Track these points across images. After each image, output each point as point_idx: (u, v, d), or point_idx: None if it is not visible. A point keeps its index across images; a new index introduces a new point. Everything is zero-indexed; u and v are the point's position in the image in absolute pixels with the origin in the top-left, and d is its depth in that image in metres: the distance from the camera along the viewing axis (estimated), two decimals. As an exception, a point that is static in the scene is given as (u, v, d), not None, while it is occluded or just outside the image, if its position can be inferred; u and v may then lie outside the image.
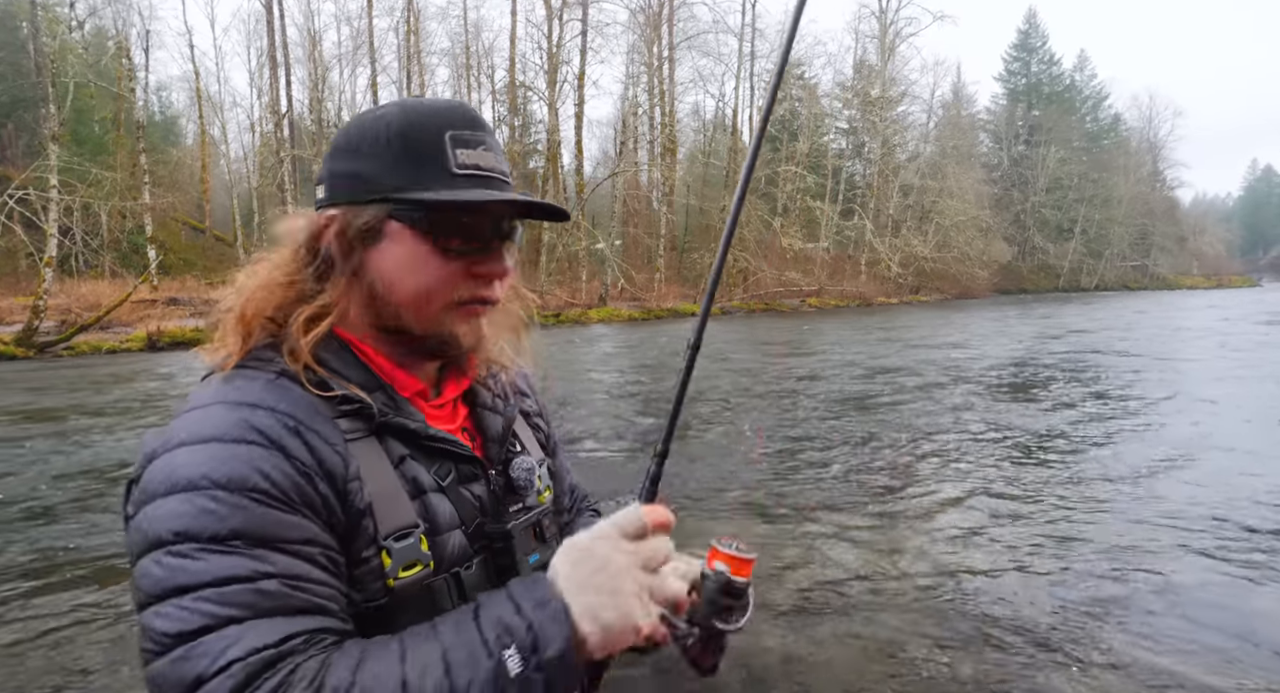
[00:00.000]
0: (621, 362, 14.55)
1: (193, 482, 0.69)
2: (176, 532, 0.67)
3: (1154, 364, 12.25)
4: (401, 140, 0.83)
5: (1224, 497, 5.09)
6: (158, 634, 0.64)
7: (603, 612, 0.70)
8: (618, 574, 0.72)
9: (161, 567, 0.66)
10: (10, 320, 18.21)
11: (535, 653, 0.67)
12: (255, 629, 0.64)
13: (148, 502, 0.70)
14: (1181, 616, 3.43)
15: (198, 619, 0.64)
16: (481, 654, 0.66)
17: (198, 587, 0.65)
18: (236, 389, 0.78)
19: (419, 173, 0.83)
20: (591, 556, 0.73)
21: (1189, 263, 72.21)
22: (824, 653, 3.14)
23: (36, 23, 25.67)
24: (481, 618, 0.69)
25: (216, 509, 0.67)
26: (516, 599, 0.71)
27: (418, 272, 0.85)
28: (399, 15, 37.17)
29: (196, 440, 0.72)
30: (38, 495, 5.45)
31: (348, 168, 0.85)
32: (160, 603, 0.65)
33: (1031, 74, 65.86)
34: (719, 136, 45.36)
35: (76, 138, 28.60)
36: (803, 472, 5.92)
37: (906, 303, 41.54)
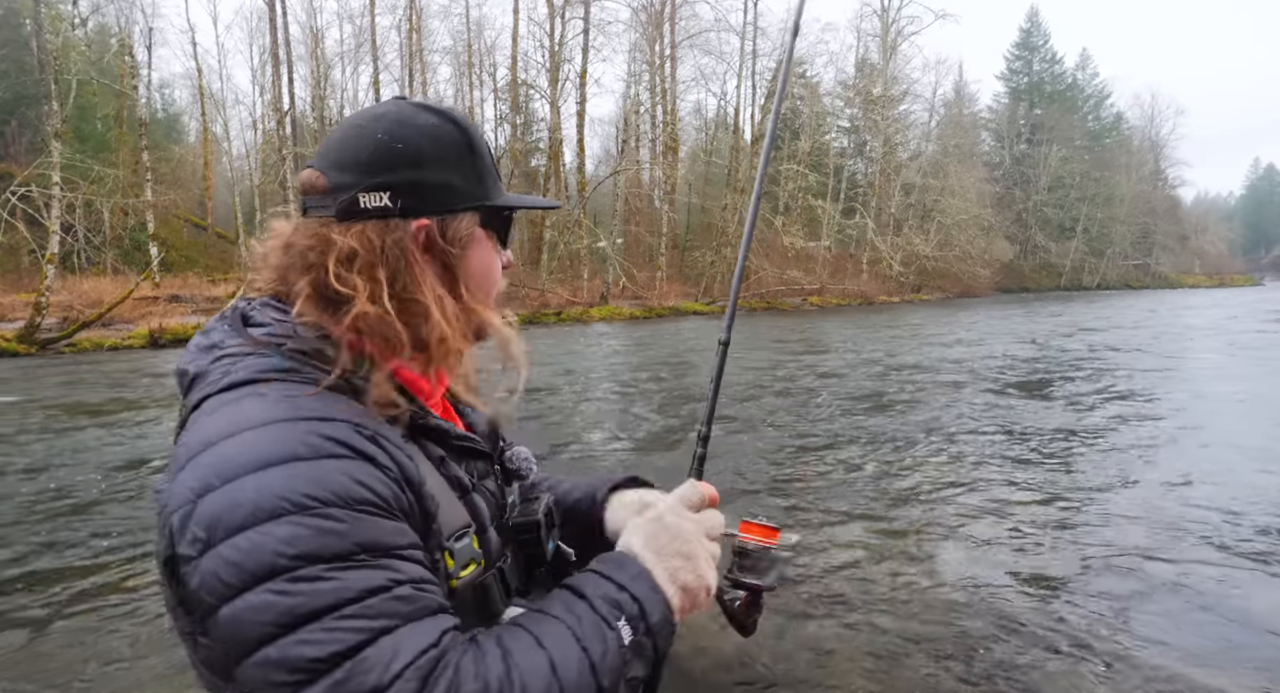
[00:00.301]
0: (626, 360, 14.56)
1: (296, 503, 0.65)
2: (296, 556, 0.63)
3: (1169, 362, 12.27)
4: (472, 150, 0.90)
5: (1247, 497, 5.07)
6: (307, 662, 0.61)
7: (682, 574, 0.82)
8: (690, 541, 0.84)
9: (288, 595, 0.62)
10: (13, 317, 18.25)
11: (643, 620, 0.76)
12: (410, 635, 0.65)
13: (231, 535, 0.64)
14: (1202, 618, 3.44)
15: (353, 637, 0.62)
16: (604, 629, 0.74)
17: (341, 605, 0.63)
18: (287, 402, 0.73)
19: (493, 181, 0.92)
20: (665, 527, 0.85)
21: (1191, 262, 72.11)
22: (834, 650, 3.16)
23: (40, 20, 25.75)
24: (590, 598, 0.76)
25: (334, 526, 0.65)
26: (614, 577, 0.79)
27: (492, 271, 0.93)
28: (401, 13, 37.17)
29: (274, 462, 0.67)
30: (50, 490, 5.48)
31: (430, 178, 0.85)
32: (297, 631, 0.62)
33: (1033, 73, 65.76)
34: (721, 135, 45.35)
35: (79, 135, 28.63)
36: (826, 471, 5.94)
37: (908, 302, 41.51)
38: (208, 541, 0.65)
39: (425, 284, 0.83)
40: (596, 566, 0.82)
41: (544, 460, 6.22)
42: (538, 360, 14.00)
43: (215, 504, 0.66)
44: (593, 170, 41.95)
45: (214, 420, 0.72)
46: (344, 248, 0.81)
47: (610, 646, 0.73)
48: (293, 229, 0.86)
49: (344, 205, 0.83)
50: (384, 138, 0.84)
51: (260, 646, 0.63)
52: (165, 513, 0.69)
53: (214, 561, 0.64)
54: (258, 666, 0.63)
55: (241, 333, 0.81)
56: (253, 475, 0.66)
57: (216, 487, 0.67)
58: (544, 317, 25.98)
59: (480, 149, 0.91)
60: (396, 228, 0.83)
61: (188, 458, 0.70)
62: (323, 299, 0.80)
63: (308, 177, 0.86)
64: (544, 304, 28.10)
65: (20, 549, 4.34)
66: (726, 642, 3.17)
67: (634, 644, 0.75)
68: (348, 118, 0.89)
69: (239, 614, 0.63)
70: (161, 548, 0.70)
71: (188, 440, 0.72)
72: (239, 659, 0.64)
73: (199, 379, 0.79)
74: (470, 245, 0.88)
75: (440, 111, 0.89)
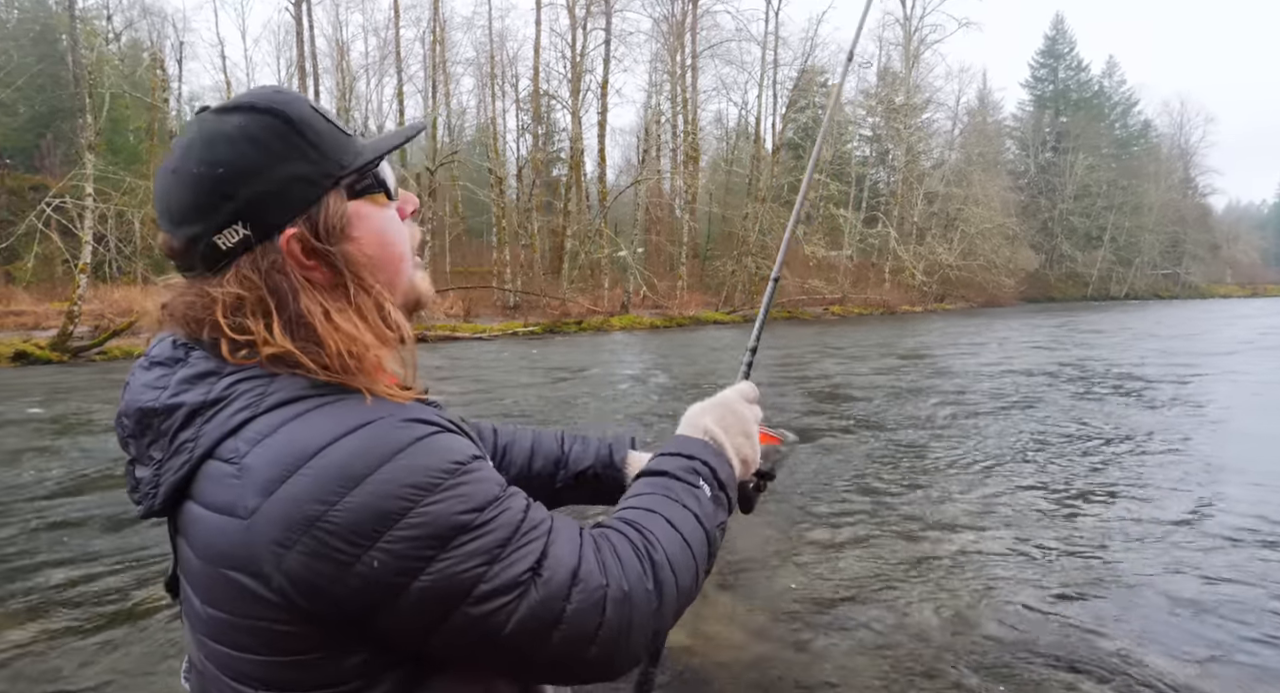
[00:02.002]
0: (648, 369, 14.56)
1: (446, 470, 0.72)
2: (469, 509, 0.72)
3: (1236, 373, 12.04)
4: (299, 129, 0.79)
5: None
6: (516, 578, 0.72)
7: (745, 449, 1.02)
8: (750, 423, 1.04)
9: (479, 538, 0.71)
10: (46, 326, 18.66)
11: (715, 478, 0.94)
12: (563, 528, 0.79)
13: (403, 515, 0.68)
14: (1234, 644, 3.38)
15: (539, 544, 0.74)
16: (692, 490, 0.91)
17: (518, 527, 0.74)
18: (363, 407, 0.75)
19: (340, 146, 0.82)
20: (732, 411, 1.04)
21: (1222, 271, 70.89)
22: (842, 659, 3.13)
23: (75, 36, 26.40)
24: (671, 472, 0.92)
25: (480, 476, 0.75)
26: (682, 452, 0.96)
27: (394, 236, 0.87)
28: (425, 26, 37.76)
29: (399, 448, 0.71)
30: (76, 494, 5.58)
31: (268, 183, 0.78)
32: (499, 562, 0.71)
33: (1059, 80, 65.22)
34: (742, 144, 45.42)
35: (112, 147, 29.30)
36: (850, 473, 5.91)
37: (931, 311, 41.17)
38: (373, 534, 0.68)
39: (312, 304, 0.77)
40: (666, 448, 0.98)
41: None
42: (558, 368, 14.04)
43: (366, 500, 0.68)
44: (614, 180, 42.22)
45: (290, 436, 0.71)
46: (226, 298, 0.76)
47: (703, 499, 0.90)
48: (174, 292, 0.81)
49: (207, 257, 0.78)
50: (201, 169, 0.77)
51: (475, 585, 0.70)
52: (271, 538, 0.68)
53: (393, 545, 0.68)
54: (475, 603, 0.71)
55: (234, 360, 0.76)
56: (391, 465, 0.70)
57: (353, 489, 0.68)
58: (565, 325, 26.06)
59: (305, 120, 0.80)
60: (267, 252, 0.78)
61: (279, 477, 0.69)
62: (236, 349, 0.76)
63: (162, 241, 0.81)
64: (565, 313, 28.20)
65: (50, 558, 4.41)
66: (746, 653, 3.16)
67: (714, 498, 0.92)
68: (163, 163, 0.81)
69: (440, 576, 0.69)
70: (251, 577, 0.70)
71: (261, 460, 0.70)
72: (451, 611, 0.70)
73: (212, 407, 0.74)
74: (350, 226, 0.82)
75: (244, 106, 0.79)
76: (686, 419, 1.04)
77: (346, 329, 0.78)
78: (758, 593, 3.80)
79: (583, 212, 36.63)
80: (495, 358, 16.55)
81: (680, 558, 0.83)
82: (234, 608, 0.72)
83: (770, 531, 4.75)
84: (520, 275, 33.60)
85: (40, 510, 5.20)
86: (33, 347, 15.52)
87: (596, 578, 0.75)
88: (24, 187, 26.01)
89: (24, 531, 4.79)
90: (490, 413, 9.06)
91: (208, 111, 0.80)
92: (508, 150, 40.91)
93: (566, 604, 0.73)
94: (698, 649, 3.20)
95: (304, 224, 0.79)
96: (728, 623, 3.46)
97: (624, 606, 0.76)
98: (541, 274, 33.82)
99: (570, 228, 35.16)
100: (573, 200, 35.93)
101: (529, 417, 8.81)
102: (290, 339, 0.76)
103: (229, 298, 0.76)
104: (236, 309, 0.76)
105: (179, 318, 0.79)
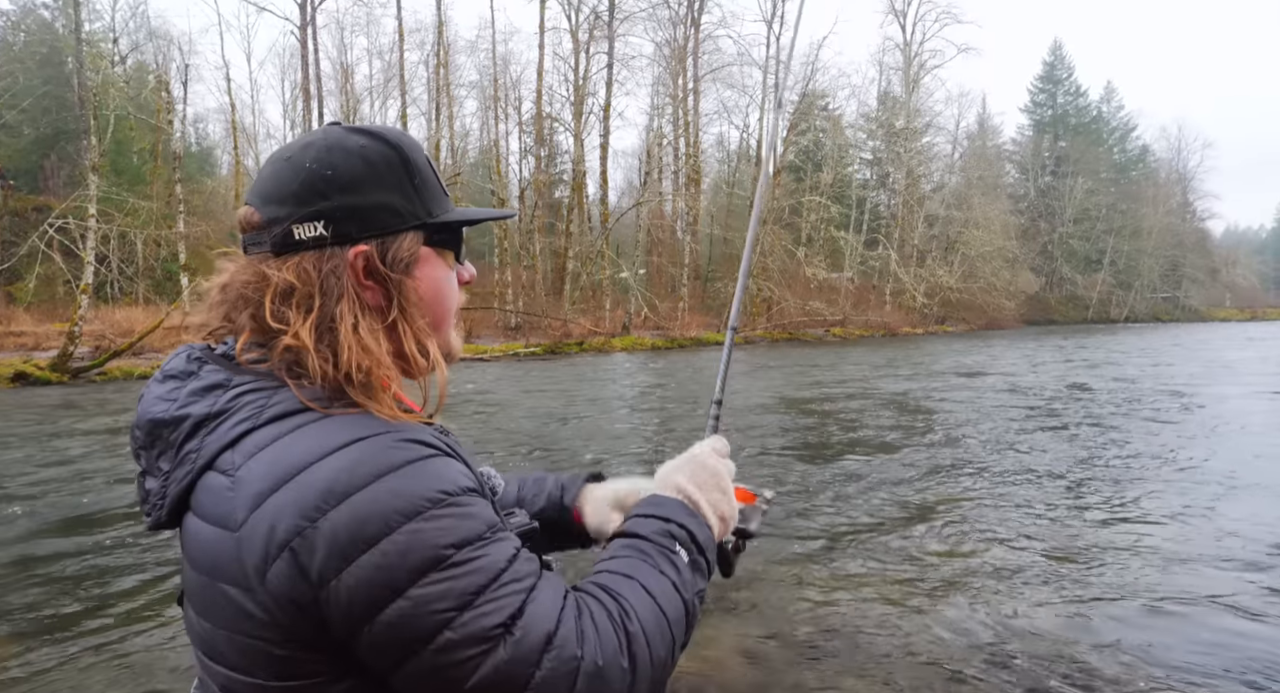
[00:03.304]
0: (648, 390, 14.47)
1: (431, 499, 0.70)
2: (449, 544, 0.69)
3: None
4: (410, 167, 0.86)
5: None
6: (486, 631, 0.68)
7: (721, 506, 0.96)
8: (725, 479, 0.98)
9: (454, 578, 0.68)
10: (47, 346, 18.58)
11: (693, 542, 0.88)
12: (548, 586, 0.75)
13: (378, 540, 0.67)
14: (1235, 661, 3.27)
15: (516, 599, 0.70)
16: (669, 555, 0.85)
17: (498, 575, 0.70)
18: (363, 425, 0.75)
19: (434, 198, 0.88)
20: (705, 467, 0.98)
21: (1222, 295, 71.03)
22: (845, 683, 3.03)
23: (81, 58, 26.57)
24: (647, 535, 0.87)
25: (468, 511, 0.72)
26: (657, 514, 0.90)
27: (447, 292, 0.91)
28: (429, 49, 38.04)
29: (390, 469, 0.70)
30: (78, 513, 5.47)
31: (366, 201, 0.83)
32: (470, 609, 0.68)
33: (1058, 105, 65.80)
34: (743, 167, 45.63)
35: (115, 168, 29.38)
36: (847, 494, 5.80)
37: (932, 333, 41.16)
38: (348, 555, 0.67)
39: (348, 313, 0.80)
40: (638, 510, 0.92)
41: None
42: (558, 389, 13.95)
43: (346, 519, 0.67)
44: (616, 202, 42.37)
45: (284, 450, 0.72)
46: (280, 283, 0.80)
47: (680, 566, 0.85)
48: (234, 269, 0.85)
49: (278, 239, 0.82)
50: (313, 166, 0.82)
51: (439, 630, 0.67)
52: (257, 552, 0.69)
53: (364, 571, 0.67)
54: (438, 651, 0.67)
55: (247, 371, 0.79)
56: (375, 485, 0.69)
57: (335, 506, 0.68)
58: (566, 346, 26.00)
59: (417, 164, 0.87)
60: (333, 257, 0.82)
61: (268, 490, 0.70)
62: (264, 335, 0.80)
63: (243, 213, 0.85)
64: (566, 334, 28.15)
65: (46, 579, 4.31)
66: (748, 676, 3.06)
67: (692, 563, 0.87)
68: (277, 150, 0.88)
69: (408, 611, 0.67)
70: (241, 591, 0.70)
71: (254, 474, 0.71)
72: (414, 652, 0.68)
73: (216, 419, 0.76)
74: (415, 266, 0.86)
75: (371, 132, 0.86)
76: (659, 478, 0.99)
77: (367, 342, 0.80)
78: (760, 614, 3.71)
79: (585, 233, 36.73)
80: (496, 379, 16.47)
81: (656, 630, 0.78)
82: (227, 623, 0.73)
83: (772, 549, 4.65)
84: (522, 296, 33.58)
85: (50, 529, 5.09)
86: (32, 367, 15.44)
87: (572, 647, 0.71)
88: (27, 207, 26.05)
89: (35, 548, 4.69)
90: (489, 436, 8.97)
91: (338, 126, 0.86)
92: (510, 172, 41.10)
93: (536, 670, 0.69)
94: (696, 671, 3.14)
95: (376, 246, 0.83)
96: (729, 643, 3.39)
97: (596, 681, 0.71)
98: (543, 295, 33.79)
99: (572, 249, 35.21)
100: (575, 222, 36.03)
101: (529, 439, 8.71)
102: (313, 338, 0.78)
103: (283, 284, 0.80)
104: (286, 297, 0.80)
105: (232, 297, 0.83)
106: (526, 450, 8.17)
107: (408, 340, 0.84)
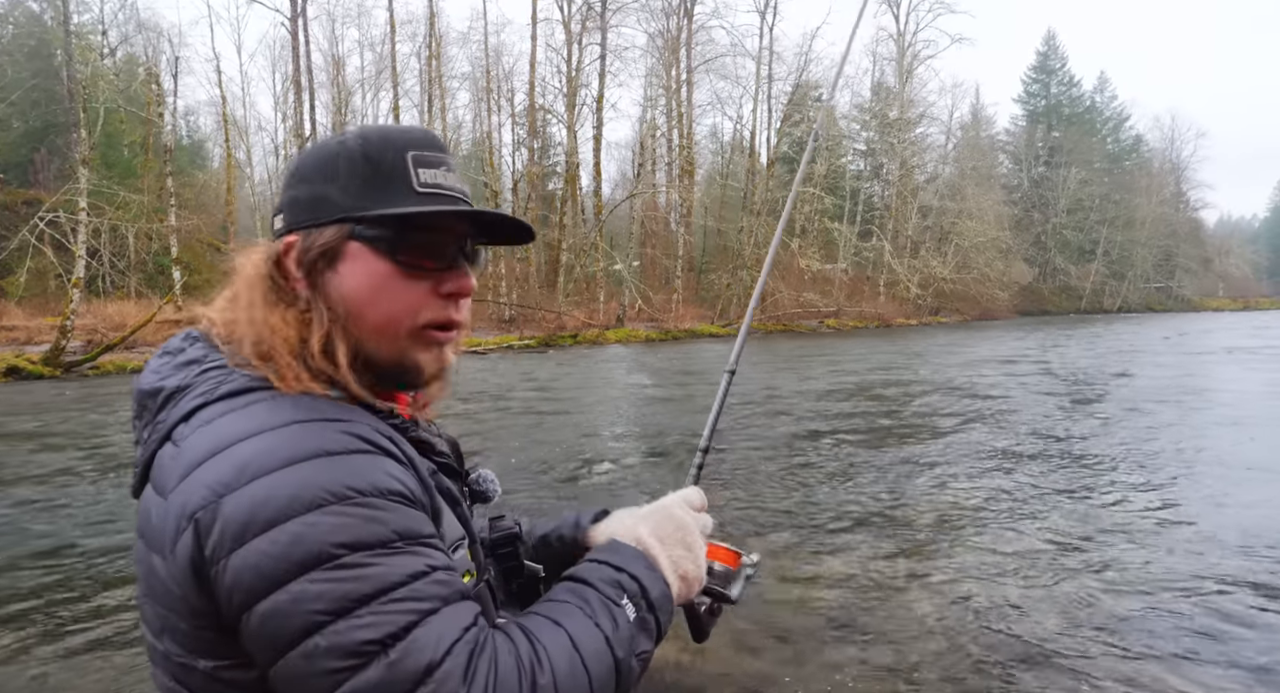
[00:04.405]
0: (644, 382, 14.50)
1: (337, 494, 0.66)
2: (341, 544, 0.65)
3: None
4: (364, 161, 0.82)
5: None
6: (359, 645, 0.63)
7: (684, 563, 0.88)
8: (693, 533, 0.90)
9: (337, 581, 0.64)
10: (39, 340, 18.53)
11: (644, 597, 0.81)
12: (453, 615, 0.68)
13: (271, 526, 0.65)
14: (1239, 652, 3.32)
15: (402, 618, 0.64)
16: (611, 607, 0.78)
17: (389, 588, 0.65)
18: (307, 408, 0.74)
19: (384, 192, 0.82)
20: (671, 518, 0.91)
21: (1215, 285, 71.23)
22: (836, 676, 3.07)
23: (70, 50, 26.42)
24: (593, 582, 0.80)
25: (376, 514, 0.67)
26: (611, 561, 0.84)
27: (381, 294, 0.82)
28: (421, 41, 37.89)
29: (306, 456, 0.68)
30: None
31: (308, 192, 0.84)
32: (348, 617, 0.63)
33: (1051, 95, 65.78)
34: (737, 158, 45.55)
35: (106, 162, 29.19)
36: (831, 491, 5.85)
37: (926, 324, 41.25)
38: (240, 537, 0.65)
39: (244, 292, 0.84)
40: (593, 554, 0.86)
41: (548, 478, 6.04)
42: (553, 381, 13.97)
43: (247, 500, 0.66)
44: (609, 194, 42.34)
45: (224, 425, 0.73)
46: (250, 270, 0.86)
47: (620, 621, 0.77)
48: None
49: (272, 232, 0.88)
50: (292, 166, 0.87)
51: (307, 635, 0.63)
52: (172, 521, 0.68)
53: (251, 556, 0.64)
54: (305, 657, 0.63)
55: (222, 351, 0.82)
56: (287, 470, 0.67)
57: (243, 485, 0.67)
58: (560, 339, 26.01)
59: (376, 160, 0.82)
60: (280, 246, 0.84)
61: (197, 462, 0.70)
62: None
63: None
64: (560, 326, 28.14)
65: (42, 571, 4.33)
66: (741, 668, 3.09)
67: (639, 620, 0.79)
68: None
69: (283, 606, 0.64)
70: (162, 561, 0.70)
71: (191, 446, 0.72)
72: (281, 653, 0.64)
73: (182, 392, 0.79)
74: (339, 262, 0.82)
75: (364, 131, 0.85)
76: (618, 521, 0.93)
77: (270, 320, 0.81)
78: (754, 606, 3.74)
79: (578, 225, 36.69)
80: (490, 371, 16.48)
81: (571, 686, 0.71)
82: (152, 592, 0.73)
83: (766, 542, 4.69)
84: (516, 289, 33.57)
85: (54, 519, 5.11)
86: (25, 361, 15.40)
87: (454, 684, 0.64)
88: (17, 201, 25.90)
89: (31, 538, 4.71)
90: (483, 429, 8.99)
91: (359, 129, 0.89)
92: (503, 164, 41.01)
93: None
94: (688, 665, 3.15)
95: (303, 238, 0.83)
96: (722, 636, 3.39)
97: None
98: (537, 288, 33.80)
99: (566, 241, 35.19)
100: (568, 214, 35.99)
101: (524, 433, 8.73)
102: (220, 315, 0.85)
103: (251, 270, 0.85)
104: (250, 281, 0.85)
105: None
106: (519, 444, 8.19)
107: (314, 335, 0.80)
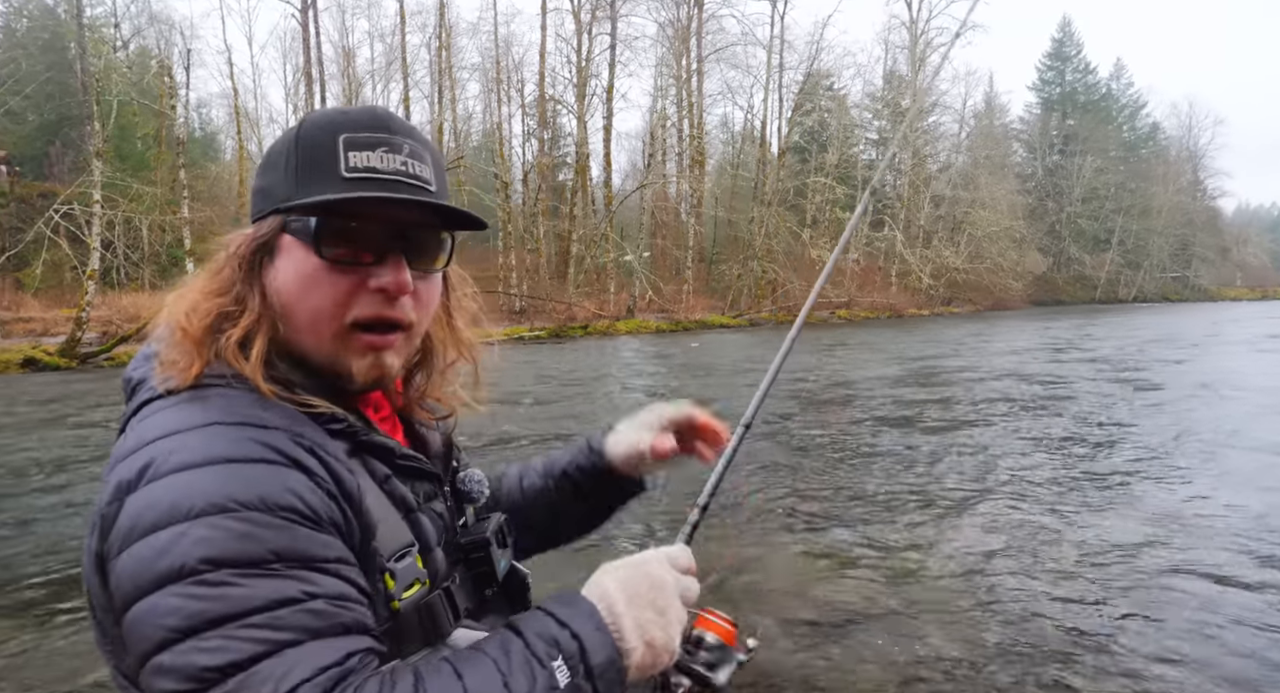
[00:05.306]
0: (654, 374, 14.51)
1: (216, 505, 0.62)
2: (207, 558, 0.60)
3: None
4: (298, 148, 0.79)
5: None
6: (198, 670, 0.58)
7: (652, 629, 0.73)
8: (669, 596, 0.76)
9: (194, 598, 0.59)
10: (55, 332, 18.71)
11: (582, 661, 0.68)
12: (314, 651, 0.61)
13: (149, 533, 0.62)
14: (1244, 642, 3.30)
15: (250, 647, 0.58)
16: (533, 667, 0.66)
17: (246, 613, 0.59)
18: (226, 407, 0.72)
19: (309, 180, 0.77)
20: (647, 575, 0.76)
21: (1232, 274, 70.40)
22: (848, 669, 3.07)
23: (83, 44, 26.54)
24: (525, 635, 0.69)
25: (252, 531, 0.62)
26: (556, 614, 0.72)
27: (308, 288, 0.78)
28: (431, 32, 37.81)
29: (203, 462, 0.65)
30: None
31: (259, 184, 0.83)
32: (195, 638, 0.58)
33: (1066, 83, 64.97)
34: (747, 148, 45.33)
35: (119, 154, 29.36)
36: (838, 482, 5.84)
37: (938, 314, 41.00)
38: (127, 537, 0.63)
39: (195, 287, 0.82)
40: (543, 602, 0.75)
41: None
42: (564, 372, 13.99)
43: (141, 502, 0.64)
44: (620, 184, 42.23)
45: (153, 422, 0.72)
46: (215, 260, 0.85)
47: (540, 684, 0.65)
48: None
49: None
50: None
51: (158, 650, 0.59)
52: (95, 516, 0.68)
53: (128, 559, 0.62)
54: (152, 673, 0.59)
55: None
56: (180, 474, 0.64)
57: (142, 485, 0.65)
58: (571, 330, 26.03)
59: (308, 143, 0.78)
60: (235, 238, 0.84)
61: (121, 458, 0.69)
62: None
63: None
64: (571, 318, 28.15)
65: (45, 561, 4.38)
66: (748, 667, 3.10)
67: (570, 687, 0.67)
68: None
69: (142, 616, 0.61)
70: (87, 550, 0.70)
71: (123, 441, 0.72)
72: (141, 663, 0.61)
73: (140, 385, 0.79)
74: (275, 256, 0.80)
75: (307, 117, 0.82)
76: (593, 578, 0.81)
77: (188, 298, 0.80)
78: (762, 604, 3.75)
79: (588, 216, 36.65)
80: (501, 363, 16.49)
81: None
82: (90, 587, 0.72)
83: (774, 539, 4.69)
84: (526, 280, 33.58)
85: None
86: (41, 353, 15.57)
87: None
88: (33, 194, 26.10)
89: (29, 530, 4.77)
90: (493, 423, 9.03)
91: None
92: (513, 155, 40.96)
93: None
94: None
95: (255, 231, 0.82)
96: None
97: None
98: (547, 279, 33.78)
99: (576, 232, 35.17)
100: (578, 205, 35.94)
101: (534, 424, 8.76)
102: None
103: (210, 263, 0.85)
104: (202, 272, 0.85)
105: None
106: (530, 440, 8.22)
107: (237, 328, 0.78)
